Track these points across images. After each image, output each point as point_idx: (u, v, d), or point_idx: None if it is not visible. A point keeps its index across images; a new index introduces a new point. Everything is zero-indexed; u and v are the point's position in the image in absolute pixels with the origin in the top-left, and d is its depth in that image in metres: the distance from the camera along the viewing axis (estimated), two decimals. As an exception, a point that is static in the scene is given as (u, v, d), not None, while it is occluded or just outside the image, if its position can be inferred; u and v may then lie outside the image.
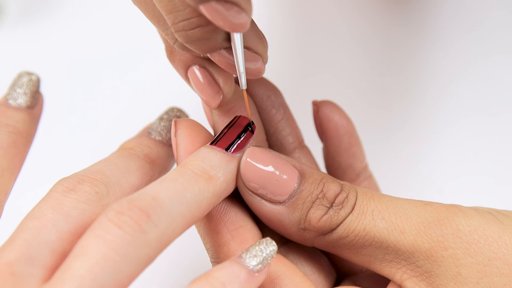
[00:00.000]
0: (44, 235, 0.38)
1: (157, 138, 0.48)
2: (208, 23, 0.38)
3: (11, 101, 0.47)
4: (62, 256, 0.38)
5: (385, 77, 0.72)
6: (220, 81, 0.44)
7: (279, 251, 0.44)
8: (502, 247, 0.41)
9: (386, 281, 0.45)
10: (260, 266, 0.39)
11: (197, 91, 0.44)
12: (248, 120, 0.44)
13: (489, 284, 0.40)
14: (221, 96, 0.44)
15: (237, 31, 0.37)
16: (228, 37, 0.40)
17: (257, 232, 0.44)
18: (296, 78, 0.72)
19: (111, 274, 0.36)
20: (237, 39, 0.39)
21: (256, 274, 0.39)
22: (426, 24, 0.73)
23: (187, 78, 0.45)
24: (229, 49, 0.41)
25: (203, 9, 0.36)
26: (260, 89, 0.48)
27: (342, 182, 0.44)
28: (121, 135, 0.54)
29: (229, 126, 0.44)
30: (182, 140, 0.44)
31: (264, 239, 0.40)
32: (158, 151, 0.47)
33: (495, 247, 0.41)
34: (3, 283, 0.36)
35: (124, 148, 0.47)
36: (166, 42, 0.45)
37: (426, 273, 0.41)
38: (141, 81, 0.68)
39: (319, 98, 0.51)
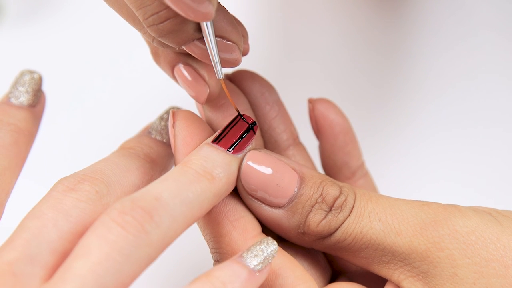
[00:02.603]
0: (45, 235, 0.38)
1: (158, 137, 0.48)
2: (176, 14, 0.39)
3: (13, 100, 0.47)
4: (63, 256, 0.38)
5: (382, 75, 0.72)
6: (205, 75, 0.44)
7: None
8: (500, 249, 0.41)
9: (382, 279, 0.45)
10: (261, 266, 0.39)
11: (185, 87, 0.45)
12: (251, 120, 0.44)
13: (486, 285, 0.40)
14: (208, 90, 0.44)
15: (202, 20, 0.37)
16: (199, 28, 0.40)
17: (257, 223, 0.44)
18: (294, 75, 0.72)
19: (113, 274, 0.36)
20: (206, 28, 0.40)
21: (257, 274, 0.39)
22: (421, 23, 0.73)
23: (174, 77, 0.45)
24: (202, 39, 0.41)
25: (167, 0, 0.36)
26: (254, 86, 0.49)
27: (341, 184, 0.44)
28: (122, 133, 0.54)
29: (232, 124, 0.44)
30: (180, 131, 0.44)
31: (265, 239, 0.40)
32: (158, 150, 0.48)
33: (492, 248, 0.41)
34: (4, 283, 0.36)
35: (125, 148, 0.47)
36: (150, 44, 0.45)
37: (423, 274, 0.42)
38: (141, 80, 0.68)
39: (316, 95, 0.51)
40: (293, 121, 0.50)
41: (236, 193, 0.44)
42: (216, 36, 0.41)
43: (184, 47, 0.41)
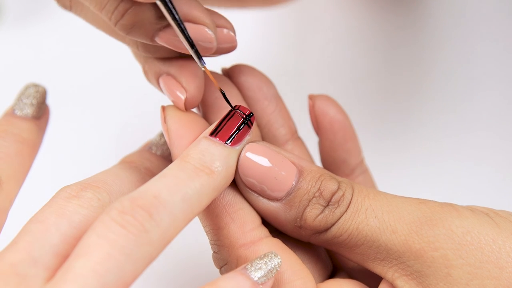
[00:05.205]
0: (47, 238, 0.39)
1: (158, 153, 0.49)
2: (131, 5, 0.40)
3: (17, 111, 0.47)
4: (65, 259, 0.38)
5: (382, 72, 0.72)
6: (183, 81, 0.44)
7: (277, 239, 0.45)
8: (495, 251, 0.41)
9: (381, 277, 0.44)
10: (264, 278, 0.40)
11: (166, 94, 0.45)
12: (248, 111, 0.44)
13: (480, 287, 0.40)
14: (185, 95, 0.44)
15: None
16: (161, 15, 0.41)
17: (256, 215, 0.44)
18: (294, 70, 0.71)
19: (114, 273, 0.36)
20: (166, 10, 0.40)
21: (260, 286, 0.39)
22: (422, 21, 0.73)
23: (160, 89, 0.46)
24: (170, 27, 0.41)
25: None
26: (252, 81, 0.49)
27: (339, 179, 0.44)
28: (122, 133, 0.53)
29: (228, 116, 0.44)
30: (172, 124, 0.44)
31: (269, 252, 0.41)
32: (158, 165, 0.48)
33: (487, 250, 0.41)
34: (7, 283, 0.36)
35: (126, 161, 0.47)
36: (140, 61, 0.47)
37: (416, 273, 0.41)
38: (143, 80, 0.68)
39: (316, 91, 0.51)
40: (292, 116, 0.50)
41: (235, 185, 0.44)
42: (184, 21, 0.41)
43: (158, 40, 0.42)
